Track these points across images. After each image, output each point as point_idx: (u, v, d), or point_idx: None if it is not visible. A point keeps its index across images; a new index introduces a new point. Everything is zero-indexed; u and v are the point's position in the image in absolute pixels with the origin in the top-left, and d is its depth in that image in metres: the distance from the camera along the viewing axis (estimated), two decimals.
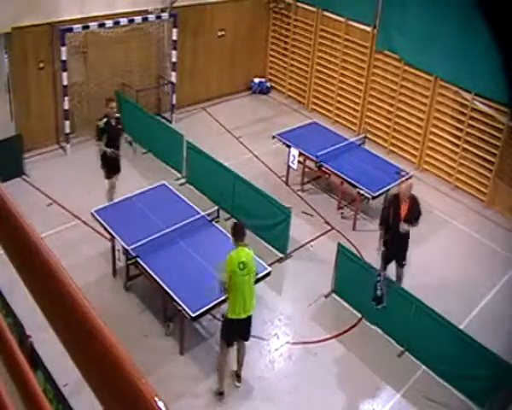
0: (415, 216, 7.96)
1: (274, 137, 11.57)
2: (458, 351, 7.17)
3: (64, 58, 11.04)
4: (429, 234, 10.02)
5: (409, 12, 11.76)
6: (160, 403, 0.78)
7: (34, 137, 11.34)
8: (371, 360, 7.70)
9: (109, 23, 11.49)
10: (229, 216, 10.03)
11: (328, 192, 11.33)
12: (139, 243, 7.66)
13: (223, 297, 6.76)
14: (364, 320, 8.34)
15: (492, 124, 10.90)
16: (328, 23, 13.79)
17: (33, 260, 0.97)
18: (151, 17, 12.26)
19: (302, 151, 10.94)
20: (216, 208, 8.68)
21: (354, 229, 10.29)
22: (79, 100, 11.95)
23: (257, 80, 15.46)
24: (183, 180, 11.20)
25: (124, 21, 11.71)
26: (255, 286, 6.81)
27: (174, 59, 13.05)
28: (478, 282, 9.23)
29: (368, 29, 12.82)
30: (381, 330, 8.14)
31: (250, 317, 6.72)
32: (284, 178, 11.54)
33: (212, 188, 10.49)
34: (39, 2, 10.63)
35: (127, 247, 7.67)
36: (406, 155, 12.68)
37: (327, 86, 14.24)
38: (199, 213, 8.62)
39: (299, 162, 11.11)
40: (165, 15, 12.45)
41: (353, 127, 13.76)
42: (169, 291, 7.09)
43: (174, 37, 12.83)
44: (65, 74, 11.19)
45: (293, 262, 9.40)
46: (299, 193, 11.29)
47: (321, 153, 10.61)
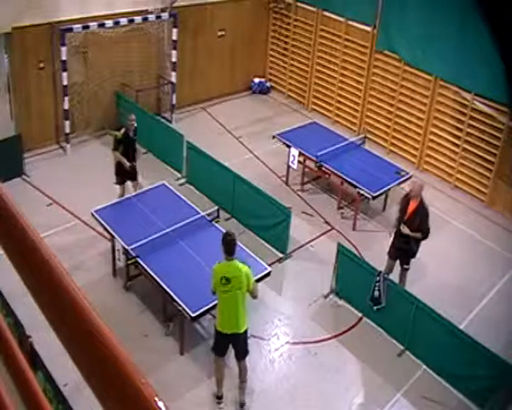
0: (419, 223, 7.84)
1: (274, 137, 11.57)
2: (458, 351, 7.17)
3: (64, 58, 11.05)
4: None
5: (409, 12, 11.76)
6: (160, 403, 0.78)
7: (34, 137, 11.35)
8: (371, 360, 7.70)
9: (109, 23, 11.50)
10: (229, 216, 10.04)
11: (328, 192, 11.33)
12: (139, 243, 7.67)
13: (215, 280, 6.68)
14: (364, 320, 8.34)
15: (492, 124, 10.89)
16: (328, 23, 13.79)
17: (33, 260, 0.97)
18: (151, 17, 12.26)
19: (302, 151, 10.94)
20: (216, 208, 8.69)
21: (354, 229, 10.28)
22: (79, 100, 11.96)
23: (257, 80, 15.46)
24: (183, 180, 11.20)
25: (124, 21, 11.72)
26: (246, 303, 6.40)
27: (174, 59, 13.05)
28: (478, 282, 9.23)
29: (368, 29, 12.82)
30: (381, 329, 8.14)
31: (239, 335, 6.44)
32: (284, 178, 11.54)
33: (212, 188, 10.49)
34: (39, 2, 10.63)
35: (127, 247, 7.67)
36: (406, 155, 12.67)
37: (327, 86, 14.24)
38: (199, 213, 8.63)
39: (299, 162, 11.10)
40: (165, 15, 12.45)
41: (353, 127, 13.76)
42: (169, 291, 7.08)
43: (174, 37, 12.83)
44: (65, 74, 11.20)
45: (293, 262, 9.40)
46: (299, 193, 11.29)
47: (321, 153, 10.61)
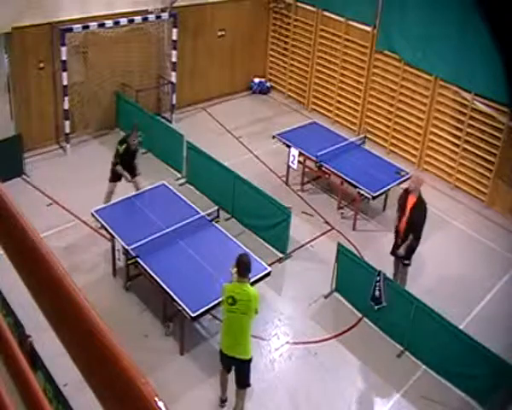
0: (415, 220, 7.88)
1: (274, 137, 11.57)
2: (458, 351, 7.17)
3: (64, 58, 11.04)
4: (429, 234, 9.96)
5: (409, 12, 11.76)
6: (160, 403, 0.78)
7: (34, 137, 11.35)
8: (371, 360, 7.70)
9: (109, 23, 11.49)
10: (229, 216, 10.04)
11: (328, 192, 11.33)
12: (139, 243, 7.67)
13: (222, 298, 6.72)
14: (364, 320, 8.34)
15: (492, 124, 10.89)
16: (328, 23, 13.79)
17: (33, 260, 0.97)
18: (151, 17, 12.25)
19: (302, 151, 10.94)
20: (216, 208, 8.68)
21: (354, 229, 10.28)
22: (79, 100, 11.96)
23: (257, 80, 15.46)
24: (183, 180, 11.20)
25: (124, 21, 11.71)
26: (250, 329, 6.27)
27: (174, 59, 13.05)
28: (478, 282, 9.23)
29: (368, 29, 12.81)
30: (381, 329, 8.14)
31: (239, 362, 6.30)
32: (284, 178, 11.53)
33: (212, 188, 10.49)
34: (39, 2, 10.63)
35: (127, 247, 7.67)
36: (406, 155, 12.67)
37: (327, 86, 14.23)
38: (199, 213, 8.63)
39: (299, 162, 11.10)
40: (165, 15, 12.44)
41: (353, 127, 13.75)
42: (169, 291, 7.08)
43: (174, 37, 12.82)
44: (65, 74, 11.19)
45: (293, 262, 9.39)
46: (299, 193, 11.29)
47: (321, 153, 10.61)
